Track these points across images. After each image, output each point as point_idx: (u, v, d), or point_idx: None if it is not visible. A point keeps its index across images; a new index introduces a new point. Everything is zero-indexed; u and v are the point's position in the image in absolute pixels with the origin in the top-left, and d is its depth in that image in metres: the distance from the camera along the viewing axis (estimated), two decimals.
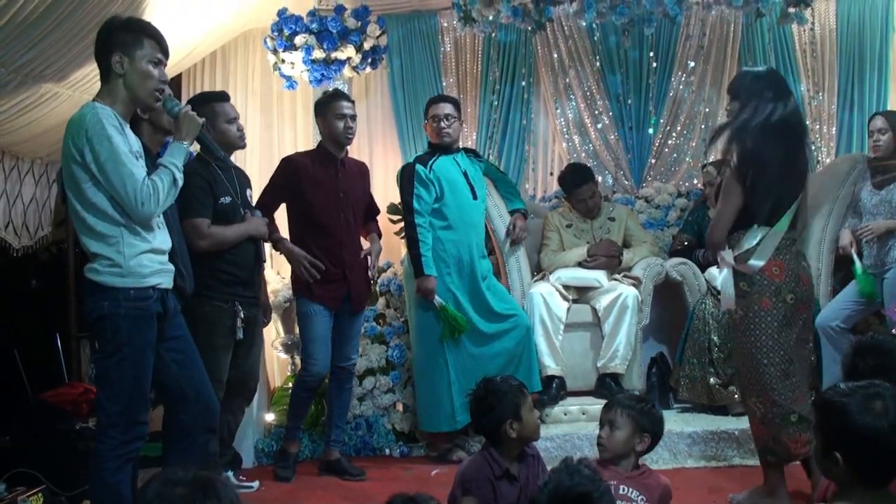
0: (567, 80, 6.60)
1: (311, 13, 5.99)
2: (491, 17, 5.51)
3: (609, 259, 5.65)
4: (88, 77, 4.83)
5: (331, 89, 5.49)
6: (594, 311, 5.52)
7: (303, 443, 5.37)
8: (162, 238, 3.35)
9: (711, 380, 5.29)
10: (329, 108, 4.96)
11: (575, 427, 5.18)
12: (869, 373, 2.47)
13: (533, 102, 6.68)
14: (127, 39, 3.24)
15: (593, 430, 4.98)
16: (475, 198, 5.25)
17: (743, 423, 5.03)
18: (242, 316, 4.34)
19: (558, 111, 6.66)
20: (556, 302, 5.44)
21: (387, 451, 5.46)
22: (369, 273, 5.11)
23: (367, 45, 6.05)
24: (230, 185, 4.41)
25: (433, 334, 5.13)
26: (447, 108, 5.26)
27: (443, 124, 5.22)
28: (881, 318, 5.15)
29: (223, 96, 4.53)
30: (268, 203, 4.94)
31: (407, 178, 5.13)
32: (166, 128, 3.80)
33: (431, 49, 6.58)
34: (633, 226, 5.88)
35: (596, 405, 5.21)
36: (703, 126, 6.57)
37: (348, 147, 5.09)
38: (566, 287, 5.57)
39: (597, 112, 6.59)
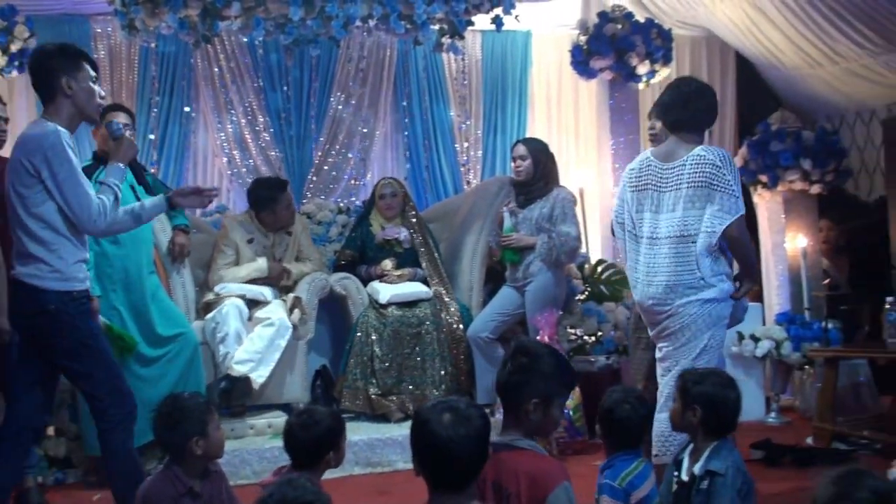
0: (228, 96, 6.58)
1: None
2: (153, 28, 5.36)
3: (277, 279, 5.71)
4: None
5: None
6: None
7: None
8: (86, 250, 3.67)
9: (372, 390, 5.50)
10: None
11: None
12: (518, 371, 2.70)
13: (193, 116, 6.59)
14: (68, 64, 3.54)
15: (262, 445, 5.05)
16: None
17: (404, 429, 5.28)
18: None
19: (219, 126, 6.61)
20: (245, 310, 5.41)
21: (40, 478, 5.09)
22: None
23: (14, 48, 5.67)
24: None
25: None
26: (123, 118, 4.93)
27: None
28: (525, 328, 5.61)
29: None
30: None
31: None
32: None
33: None
34: (304, 241, 5.92)
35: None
36: (361, 145, 6.81)
37: None
38: None
39: (257, 128, 6.62)
